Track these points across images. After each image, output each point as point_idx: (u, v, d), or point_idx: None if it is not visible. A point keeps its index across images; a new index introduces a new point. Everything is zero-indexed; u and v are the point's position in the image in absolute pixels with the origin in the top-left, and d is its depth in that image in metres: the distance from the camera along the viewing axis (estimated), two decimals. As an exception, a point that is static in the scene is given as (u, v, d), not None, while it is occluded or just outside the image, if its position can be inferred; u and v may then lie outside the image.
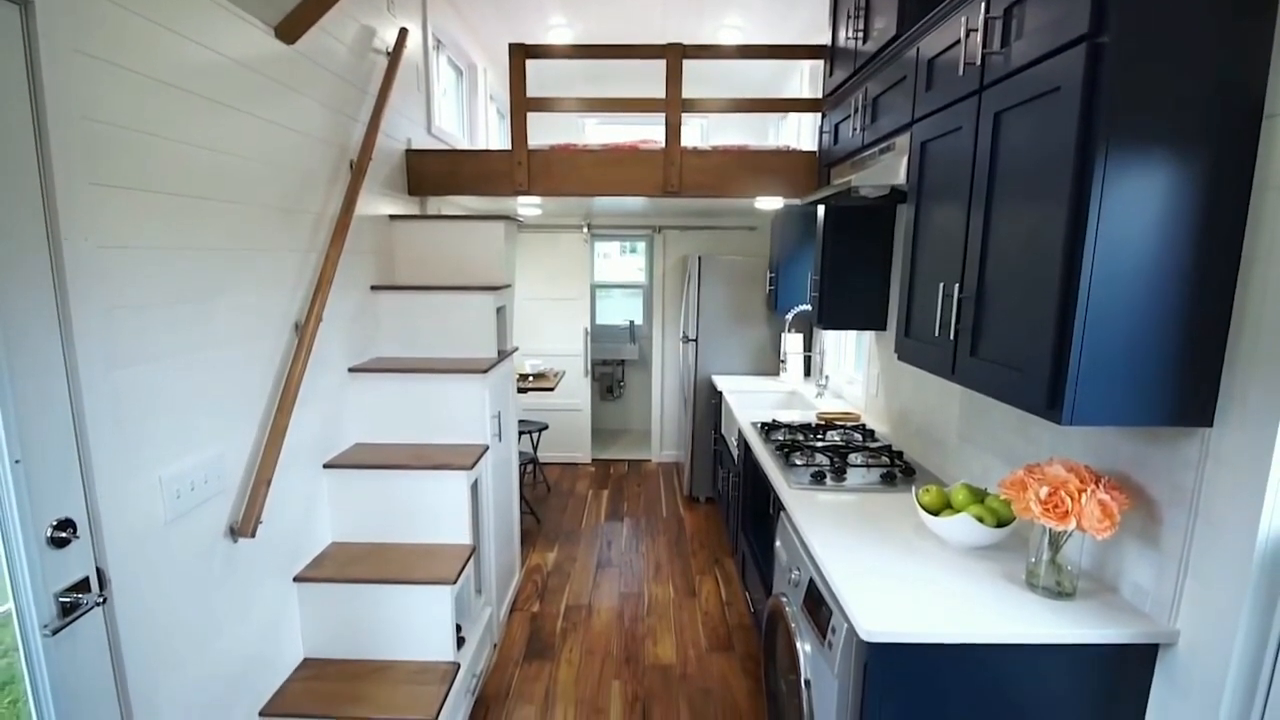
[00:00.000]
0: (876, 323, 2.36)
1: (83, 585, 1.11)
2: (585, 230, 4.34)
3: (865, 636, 1.18)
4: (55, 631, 1.05)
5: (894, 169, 1.76)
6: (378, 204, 2.28)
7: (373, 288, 2.19)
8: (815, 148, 2.64)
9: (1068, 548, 1.26)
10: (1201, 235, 0.99)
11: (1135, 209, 0.98)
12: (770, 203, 3.01)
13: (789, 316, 3.27)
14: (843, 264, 2.35)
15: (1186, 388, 1.03)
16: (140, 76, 1.24)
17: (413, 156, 2.59)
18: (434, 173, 2.60)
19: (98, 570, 1.15)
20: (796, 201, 2.72)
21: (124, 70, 1.20)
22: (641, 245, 5.17)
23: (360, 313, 2.12)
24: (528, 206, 3.46)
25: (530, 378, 3.76)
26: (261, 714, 1.64)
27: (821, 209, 2.38)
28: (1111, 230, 0.98)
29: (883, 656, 1.20)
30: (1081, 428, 1.36)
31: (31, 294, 1.03)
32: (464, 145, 3.58)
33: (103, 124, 1.15)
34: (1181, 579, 1.11)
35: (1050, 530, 1.24)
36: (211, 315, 1.45)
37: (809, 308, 2.93)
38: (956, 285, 1.33)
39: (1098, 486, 1.16)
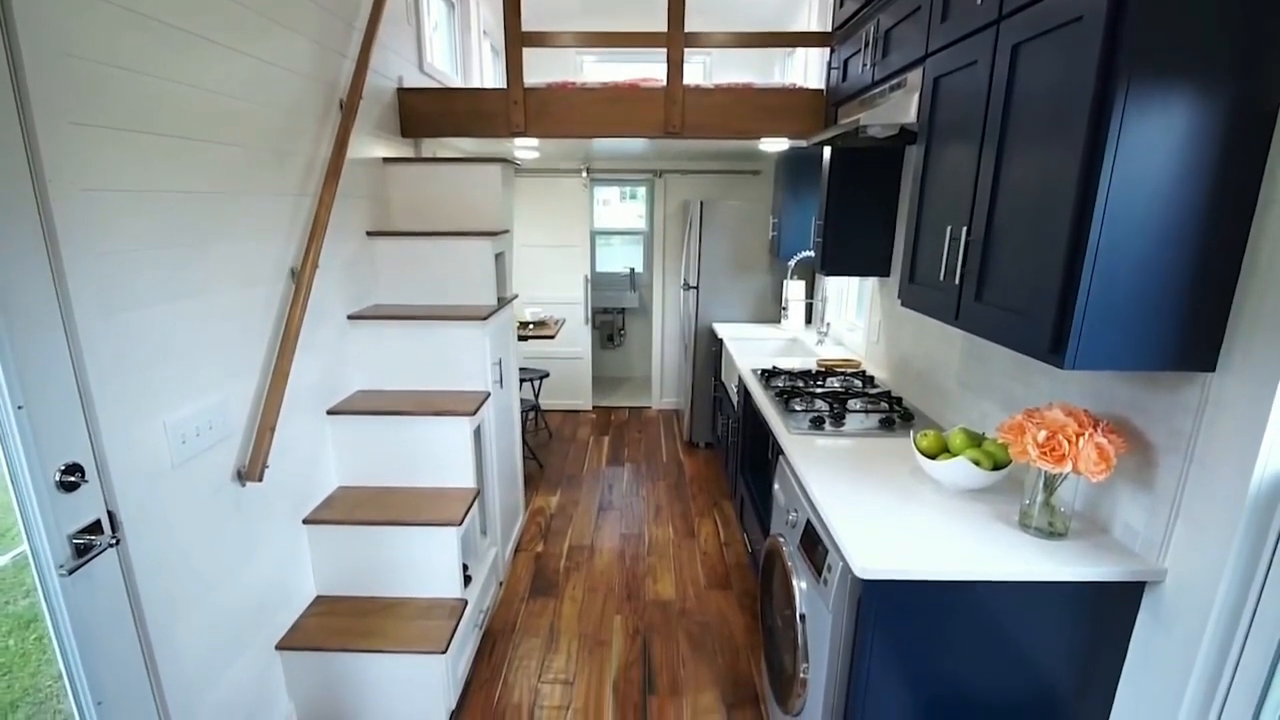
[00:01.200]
0: (880, 269, 2.33)
1: (95, 528, 1.14)
2: (584, 175, 4.24)
3: (860, 574, 1.22)
4: (71, 571, 1.08)
5: (904, 107, 1.69)
6: (370, 146, 2.21)
7: (368, 233, 2.15)
8: (823, 86, 2.55)
9: (1062, 490, 1.28)
10: (1218, 176, 0.96)
11: (1153, 147, 0.95)
12: (775, 145, 2.93)
13: (791, 263, 3.23)
14: (848, 208, 2.30)
15: (1191, 332, 1.03)
16: (119, 9, 1.18)
17: (405, 96, 2.50)
18: (427, 113, 2.52)
19: (109, 513, 1.17)
20: (802, 143, 2.64)
21: (102, 2, 1.14)
22: (642, 191, 5.06)
23: (357, 259, 2.09)
24: (525, 149, 3.37)
25: (530, 325, 3.75)
26: (278, 647, 1.71)
27: (828, 151, 2.31)
28: (1127, 169, 0.95)
29: (876, 592, 1.24)
30: (1081, 372, 1.37)
31: (19, 237, 1.01)
32: (457, 84, 3.46)
33: (81, 60, 1.10)
34: (1172, 520, 1.13)
35: (1046, 473, 1.26)
36: (206, 261, 1.43)
37: (812, 254, 2.89)
38: (964, 228, 1.31)
39: (1095, 430, 1.17)
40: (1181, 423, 1.11)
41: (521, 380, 3.52)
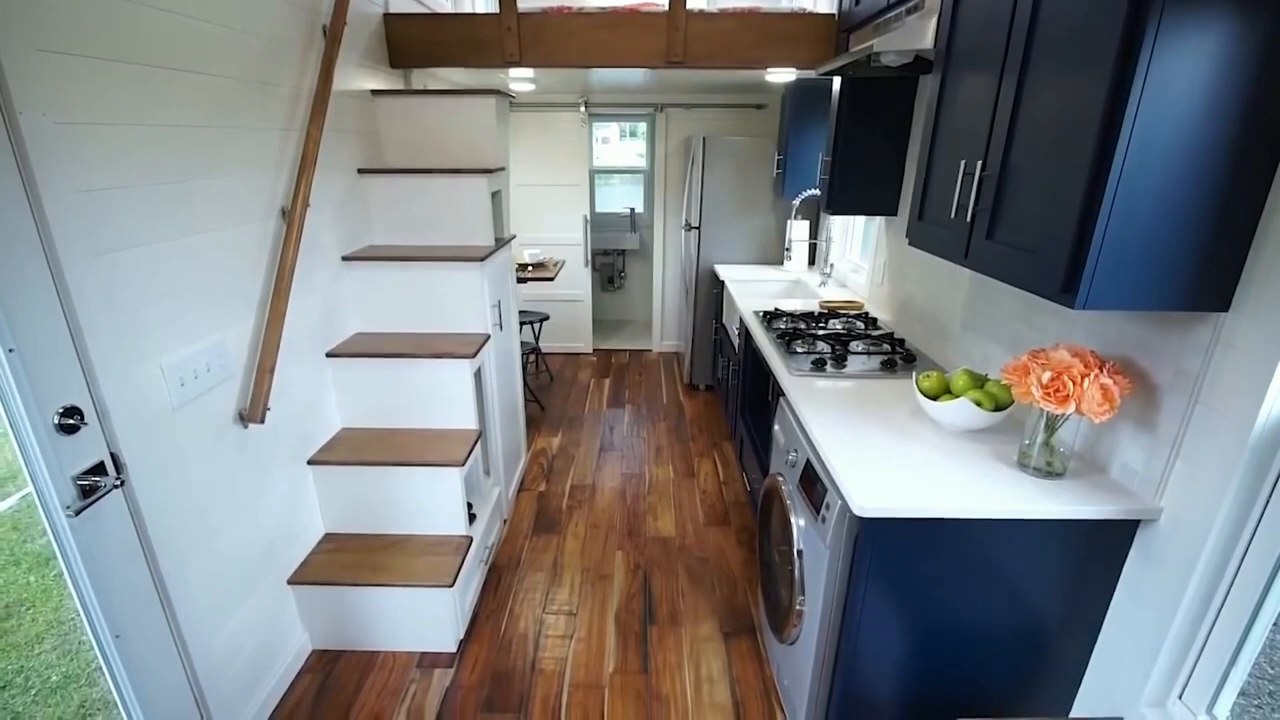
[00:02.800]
0: (888, 207, 2.27)
1: (99, 469, 1.14)
2: (583, 110, 4.08)
3: (858, 512, 1.23)
4: (78, 512, 1.09)
5: (921, 32, 1.60)
6: (358, 78, 2.11)
7: (360, 171, 2.08)
8: (834, 9, 2.41)
9: (1062, 430, 1.28)
10: (1250, 107, 0.91)
11: (1184, 76, 0.89)
12: (782, 75, 2.80)
13: (796, 202, 3.15)
14: (857, 144, 2.22)
15: (1208, 272, 1.00)
16: (75, -81, 1.09)
17: (392, 22, 2.37)
18: (416, 41, 2.39)
19: (112, 455, 1.17)
20: (811, 73, 2.52)
21: (56, -88, 1.05)
22: (642, 127, 4.88)
23: (349, 198, 2.03)
24: (520, 80, 3.22)
25: (530, 267, 3.70)
26: (290, 582, 1.76)
27: (837, 82, 2.21)
28: (1156, 100, 0.90)
29: (873, 530, 1.26)
30: (1090, 313, 1.34)
31: (-6, 173, 0.97)
32: (447, 9, 3.27)
33: (41, -20, 1.03)
34: (1172, 460, 1.14)
35: (1047, 413, 1.25)
36: (192, 198, 1.38)
37: (818, 192, 2.81)
38: (979, 163, 1.26)
39: (1101, 371, 1.16)
40: (1189, 363, 1.10)
41: (521, 323, 3.50)
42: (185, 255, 1.36)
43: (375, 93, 2.22)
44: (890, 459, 1.38)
